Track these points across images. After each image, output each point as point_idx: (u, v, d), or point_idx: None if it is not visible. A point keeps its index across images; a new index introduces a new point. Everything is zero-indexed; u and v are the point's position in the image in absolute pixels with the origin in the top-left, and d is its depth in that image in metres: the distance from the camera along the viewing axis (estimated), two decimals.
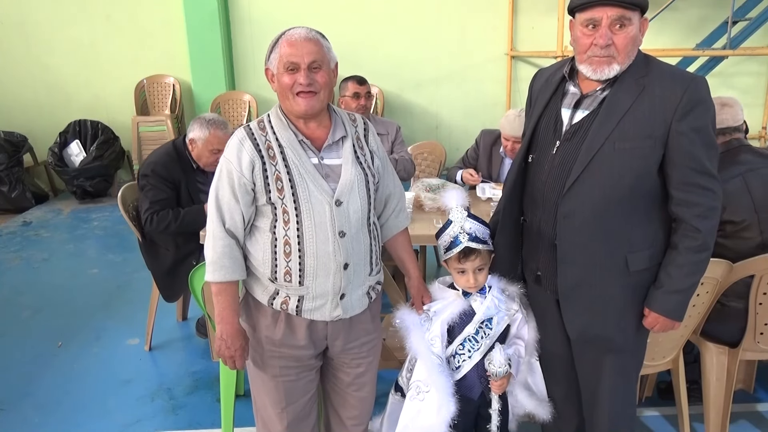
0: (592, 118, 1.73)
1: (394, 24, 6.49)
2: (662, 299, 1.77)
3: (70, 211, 5.97)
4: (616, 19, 1.63)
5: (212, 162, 3.03)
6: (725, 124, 2.43)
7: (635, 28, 1.65)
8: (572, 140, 1.76)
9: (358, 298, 1.80)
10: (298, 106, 1.67)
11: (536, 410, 2.03)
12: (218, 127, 3.00)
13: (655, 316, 1.80)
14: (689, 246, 1.72)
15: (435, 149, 4.32)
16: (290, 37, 1.66)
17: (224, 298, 1.73)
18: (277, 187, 1.66)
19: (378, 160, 1.83)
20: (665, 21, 6.00)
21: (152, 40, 6.54)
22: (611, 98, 1.70)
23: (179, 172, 2.99)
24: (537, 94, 1.93)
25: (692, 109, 1.64)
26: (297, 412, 1.86)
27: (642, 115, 1.67)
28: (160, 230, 2.92)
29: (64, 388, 2.98)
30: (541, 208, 1.85)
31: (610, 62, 1.67)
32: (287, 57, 1.65)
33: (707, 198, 1.70)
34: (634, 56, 1.69)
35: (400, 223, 1.98)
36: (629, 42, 1.65)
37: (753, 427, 2.62)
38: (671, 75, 1.70)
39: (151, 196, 2.93)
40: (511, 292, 1.98)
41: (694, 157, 1.66)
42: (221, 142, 2.99)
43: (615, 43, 1.64)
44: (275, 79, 1.70)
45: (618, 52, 1.65)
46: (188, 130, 3.04)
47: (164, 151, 3.04)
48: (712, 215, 1.71)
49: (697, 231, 1.70)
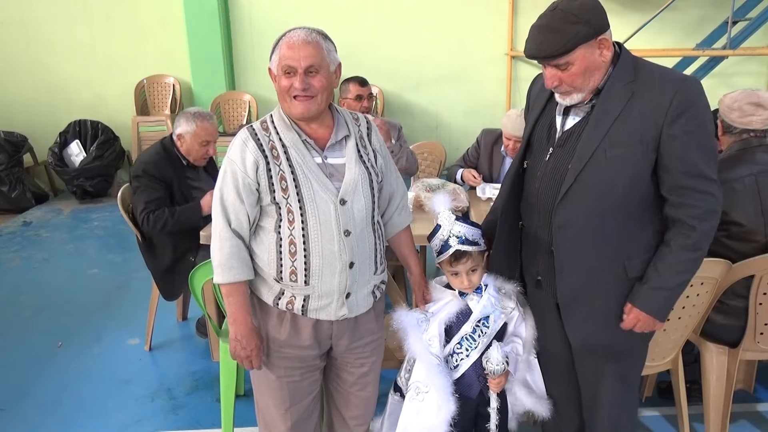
0: (583, 125, 1.72)
1: (394, 24, 6.49)
2: (646, 295, 1.73)
3: (70, 211, 5.97)
4: (556, 65, 1.65)
5: (202, 155, 3.05)
6: (752, 126, 2.33)
7: (580, 63, 1.63)
8: (564, 147, 1.76)
9: (364, 297, 1.80)
10: (295, 109, 1.68)
11: (535, 408, 2.03)
12: (204, 119, 3.02)
13: (636, 312, 1.76)
14: (682, 244, 1.68)
15: (435, 149, 4.32)
16: (290, 39, 1.66)
17: (235, 299, 1.73)
18: (281, 187, 1.67)
19: (381, 159, 1.84)
20: (665, 21, 6.00)
21: (152, 40, 6.54)
22: (600, 105, 1.69)
23: (170, 170, 3.00)
24: (534, 100, 1.94)
25: (683, 111, 1.61)
26: (301, 413, 1.87)
27: (632, 121, 1.65)
28: (157, 229, 2.93)
29: (64, 388, 2.98)
30: (537, 215, 1.84)
31: (569, 93, 1.70)
32: (285, 60, 1.65)
33: (705, 201, 1.66)
34: (597, 78, 1.68)
35: (404, 221, 1.99)
36: (577, 77, 1.65)
37: (753, 427, 2.62)
38: (661, 78, 1.66)
39: (145, 196, 2.94)
40: (507, 290, 1.98)
41: (689, 161, 1.63)
42: (209, 134, 3.02)
43: (563, 81, 1.66)
44: (276, 81, 1.70)
45: (570, 86, 1.67)
46: (174, 127, 3.05)
47: (154, 151, 3.05)
48: (709, 218, 1.67)
49: (692, 229, 1.66)
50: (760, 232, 2.26)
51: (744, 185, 2.25)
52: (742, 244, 2.27)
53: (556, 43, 1.59)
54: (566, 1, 1.62)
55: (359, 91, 3.39)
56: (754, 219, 2.25)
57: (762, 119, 2.33)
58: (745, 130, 2.34)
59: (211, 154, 3.10)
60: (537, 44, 1.63)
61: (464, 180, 3.54)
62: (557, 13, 1.61)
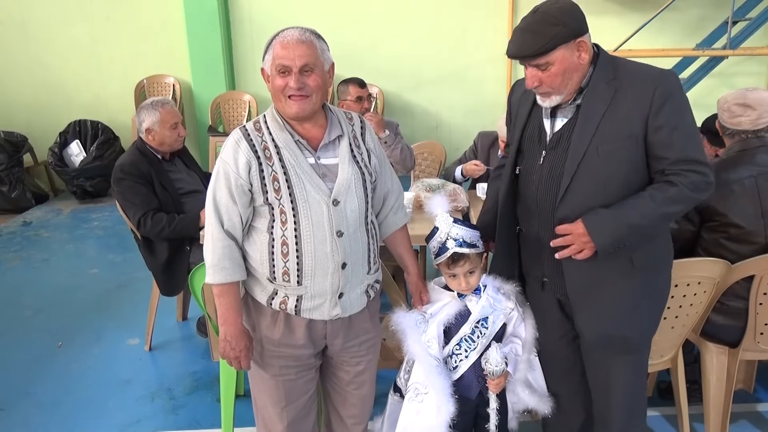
0: (572, 125, 1.76)
1: (394, 24, 6.49)
2: (598, 215, 1.70)
3: (70, 211, 5.97)
4: (535, 65, 1.69)
5: (176, 138, 3.08)
6: (741, 126, 2.31)
7: (560, 64, 1.67)
8: (557, 149, 1.79)
9: (357, 297, 1.80)
10: (290, 109, 1.68)
11: (537, 406, 2.03)
12: (165, 104, 3.08)
13: (578, 224, 1.71)
14: (658, 189, 1.68)
15: (435, 149, 4.31)
16: (283, 38, 1.65)
17: (226, 299, 1.73)
18: (274, 188, 1.67)
19: (375, 158, 1.84)
20: (665, 21, 5.99)
21: (152, 40, 6.54)
22: (585, 105, 1.73)
23: (147, 165, 3.02)
24: (517, 106, 1.97)
25: (665, 102, 1.66)
26: (297, 412, 1.87)
27: (619, 117, 1.70)
28: (153, 234, 2.93)
29: (64, 388, 2.98)
30: (538, 218, 1.86)
31: (549, 95, 1.74)
32: (279, 59, 1.64)
33: (698, 175, 1.67)
34: (576, 80, 1.72)
35: (399, 221, 1.99)
36: (556, 77, 1.69)
37: (753, 427, 2.62)
38: (640, 73, 1.72)
39: (133, 198, 2.94)
40: (506, 290, 1.99)
41: (676, 148, 1.68)
42: (174, 115, 3.07)
43: (543, 82, 1.70)
44: (270, 80, 1.70)
45: (550, 87, 1.71)
46: (139, 126, 3.07)
47: (128, 154, 3.09)
48: (695, 189, 1.67)
49: (672, 185, 1.67)
50: (760, 234, 2.25)
51: (743, 187, 2.24)
52: (741, 246, 2.26)
53: (536, 44, 1.65)
54: (546, 5, 1.69)
55: (359, 92, 3.37)
56: (754, 221, 2.25)
57: (750, 120, 2.30)
58: (737, 131, 2.33)
59: (183, 135, 3.13)
60: (518, 45, 1.69)
61: (465, 174, 3.52)
62: (537, 16, 1.67)
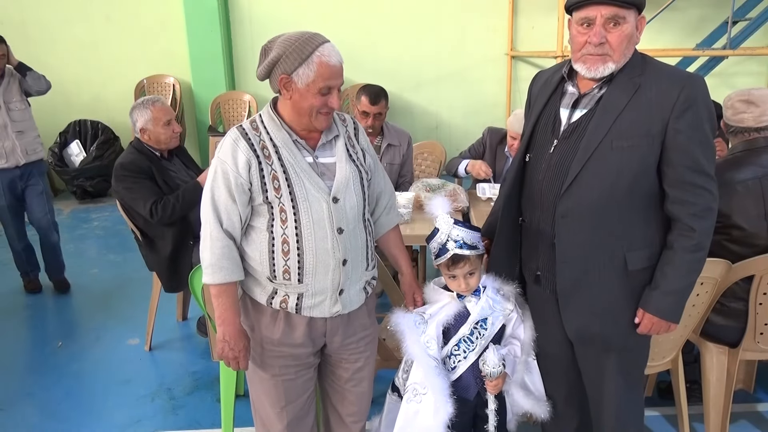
0: (590, 116, 1.74)
1: (394, 24, 6.49)
2: (657, 300, 1.76)
3: (70, 211, 5.98)
4: (610, 17, 1.63)
5: (171, 135, 3.08)
6: (744, 123, 2.30)
7: (630, 27, 1.65)
8: (570, 139, 1.77)
9: (356, 293, 1.81)
10: (319, 124, 1.70)
11: (534, 409, 2.03)
12: (155, 102, 3.09)
13: (649, 317, 1.79)
14: (684, 245, 1.71)
15: (435, 149, 4.31)
16: (328, 59, 1.63)
17: (224, 299, 1.73)
18: (274, 187, 1.67)
19: (369, 157, 1.86)
20: (665, 21, 6.00)
21: (152, 40, 6.54)
22: (607, 97, 1.71)
23: (147, 162, 3.02)
24: (536, 96, 1.94)
25: (689, 107, 1.64)
26: (296, 411, 1.87)
27: (639, 114, 1.67)
28: (167, 216, 2.90)
29: (64, 388, 2.99)
30: (539, 208, 1.84)
31: (605, 60, 1.67)
32: (326, 82, 1.64)
33: (703, 198, 1.69)
34: (630, 54, 1.69)
35: (392, 221, 2.00)
36: (623, 40, 1.65)
37: (753, 427, 2.62)
38: (668, 74, 1.70)
39: (146, 192, 2.92)
40: (506, 291, 1.98)
41: (691, 156, 1.66)
42: (167, 112, 3.08)
43: (609, 41, 1.64)
44: (296, 92, 1.65)
45: (612, 50, 1.65)
46: (132, 125, 3.08)
47: (127, 153, 3.09)
48: (707, 215, 1.71)
49: (692, 230, 1.70)
50: (762, 236, 2.24)
51: (747, 188, 2.23)
52: (743, 248, 2.25)
53: None
54: None
55: (367, 108, 3.28)
56: (757, 223, 2.23)
57: (754, 116, 2.29)
58: (741, 129, 2.32)
59: (178, 131, 3.13)
60: None
61: (469, 171, 3.44)
62: None
